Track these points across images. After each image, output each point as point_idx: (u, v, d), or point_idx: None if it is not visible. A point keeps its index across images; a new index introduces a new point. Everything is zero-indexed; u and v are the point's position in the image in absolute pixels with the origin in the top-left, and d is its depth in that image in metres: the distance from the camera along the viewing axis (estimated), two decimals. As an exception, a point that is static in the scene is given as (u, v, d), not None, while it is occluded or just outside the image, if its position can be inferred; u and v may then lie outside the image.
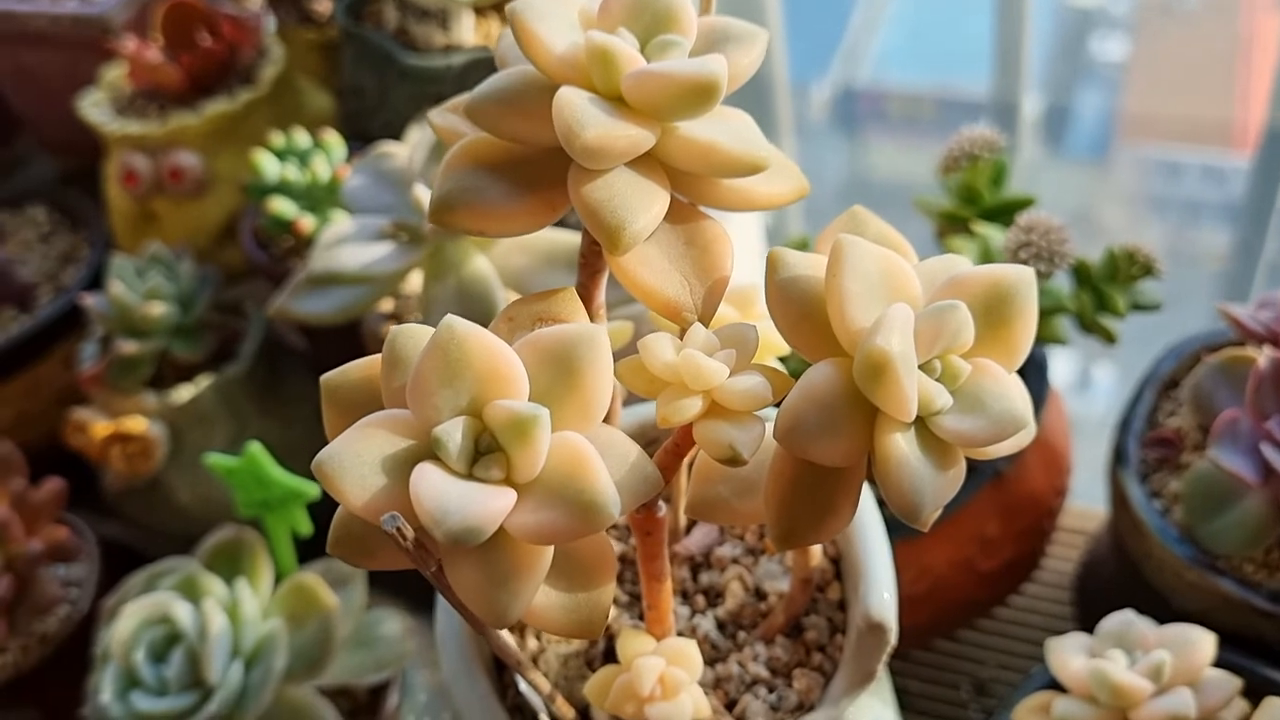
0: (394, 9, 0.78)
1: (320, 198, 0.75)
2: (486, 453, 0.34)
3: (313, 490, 0.61)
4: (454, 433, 0.33)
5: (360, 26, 0.80)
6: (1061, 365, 1.19)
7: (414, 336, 0.35)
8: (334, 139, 0.77)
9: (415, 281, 0.67)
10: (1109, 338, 0.66)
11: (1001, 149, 0.71)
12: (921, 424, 0.35)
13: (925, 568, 0.67)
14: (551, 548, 0.34)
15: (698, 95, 0.35)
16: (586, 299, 0.42)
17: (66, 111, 0.89)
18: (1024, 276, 0.36)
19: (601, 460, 0.33)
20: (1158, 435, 0.65)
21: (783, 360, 0.52)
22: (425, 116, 0.74)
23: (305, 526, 0.63)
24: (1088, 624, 0.74)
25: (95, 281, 0.86)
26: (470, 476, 0.33)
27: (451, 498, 0.32)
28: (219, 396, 0.76)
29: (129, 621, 0.60)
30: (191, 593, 0.61)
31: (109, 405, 0.76)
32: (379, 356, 0.37)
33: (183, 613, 0.60)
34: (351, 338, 0.72)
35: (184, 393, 0.75)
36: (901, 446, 0.34)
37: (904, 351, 0.33)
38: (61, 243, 0.93)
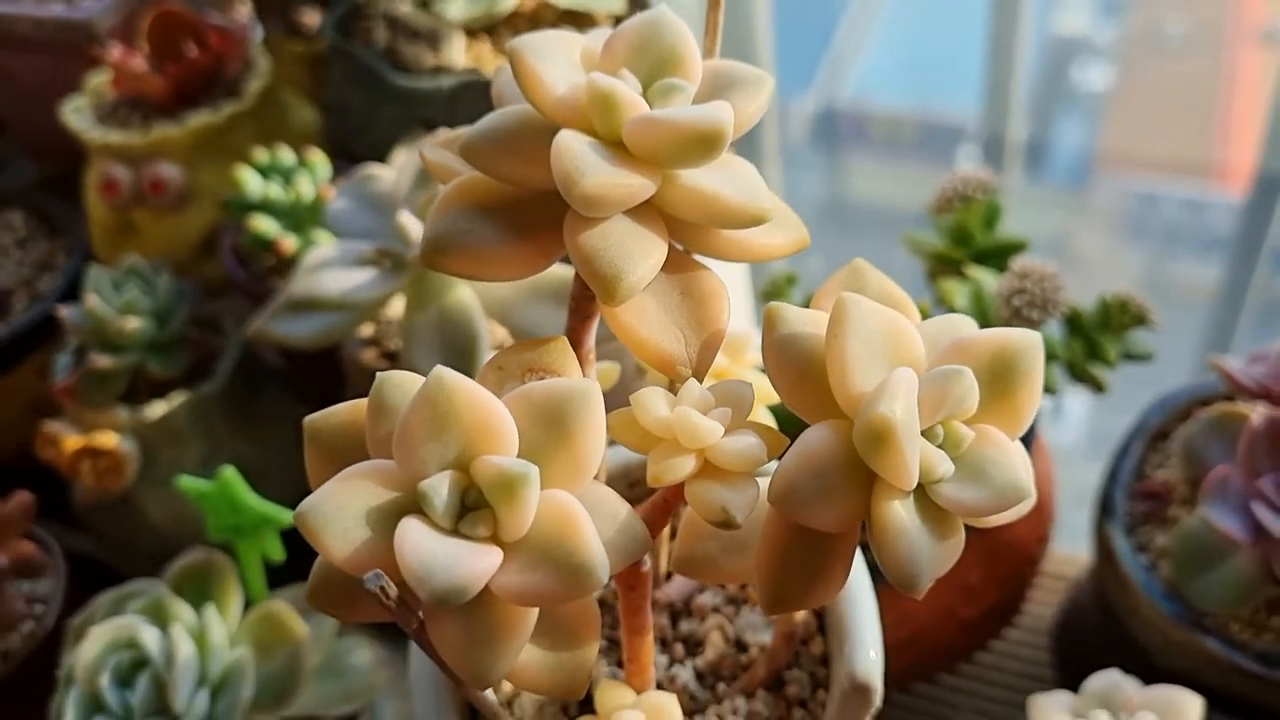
0: (384, 27, 0.77)
1: (303, 217, 0.73)
2: (473, 509, 0.33)
3: (286, 517, 0.59)
4: (440, 488, 0.32)
5: (349, 43, 0.79)
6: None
7: (401, 385, 0.34)
8: (319, 157, 0.76)
9: (397, 306, 0.66)
10: (1099, 387, 0.66)
11: (995, 190, 0.70)
12: (921, 491, 0.34)
13: (906, 614, 0.66)
14: (536, 608, 0.33)
15: (702, 144, 0.34)
16: (576, 343, 0.41)
17: (48, 116, 0.87)
18: (1031, 341, 0.35)
19: (591, 522, 0.32)
20: (1146, 488, 0.64)
21: (772, 410, 0.51)
22: (412, 139, 0.73)
23: (277, 553, 0.61)
24: (1067, 673, 0.73)
25: (72, 290, 0.84)
26: (455, 533, 0.32)
27: (437, 556, 0.31)
28: (193, 414, 0.74)
29: (94, 644, 0.58)
30: (159, 617, 0.60)
31: (81, 418, 0.74)
32: (364, 401, 0.36)
33: (150, 638, 0.58)
34: (331, 359, 0.71)
35: (157, 409, 0.73)
36: (900, 515, 0.33)
37: (907, 420, 0.32)
38: (38, 249, 0.91)
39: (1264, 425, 0.58)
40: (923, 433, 0.34)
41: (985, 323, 0.65)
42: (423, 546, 0.31)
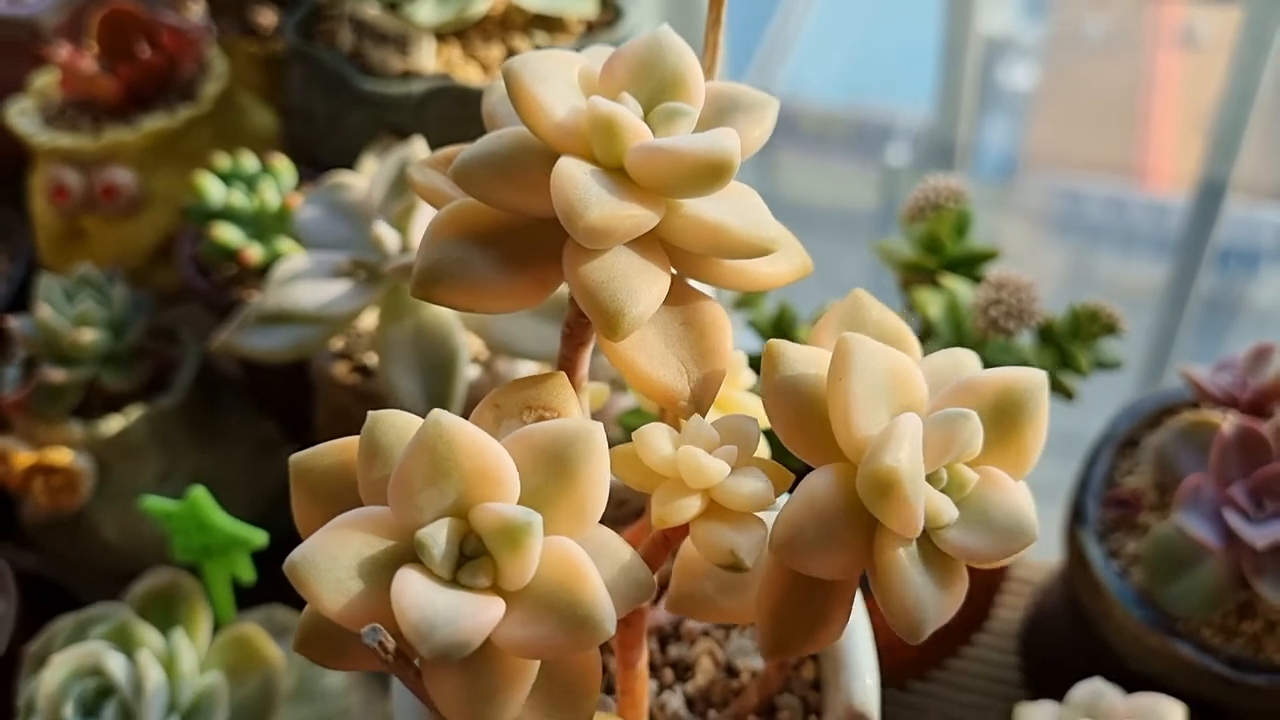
0: (349, 30, 0.75)
1: (268, 226, 0.71)
2: (473, 557, 0.32)
3: (258, 538, 0.58)
4: (438, 536, 0.31)
5: (311, 46, 0.77)
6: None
7: (395, 425, 0.33)
8: (283, 164, 0.74)
9: (368, 318, 0.65)
10: (1068, 395, 0.66)
11: (966, 198, 0.70)
12: (925, 538, 0.34)
13: (877, 627, 0.66)
14: (538, 660, 0.32)
15: (709, 175, 0.33)
16: (571, 370, 0.40)
17: (-13, 116, 0.84)
18: (1036, 381, 0.35)
19: (596, 571, 0.31)
20: (1116, 495, 0.65)
21: (766, 433, 0.50)
22: (382, 145, 0.72)
23: (248, 574, 0.60)
24: (1035, 677, 0.74)
25: (17, 299, 0.81)
26: (455, 583, 0.31)
27: (438, 609, 0.30)
28: (150, 428, 0.72)
29: (57, 672, 0.56)
30: (125, 643, 0.58)
31: (31, 434, 0.71)
32: (353, 440, 0.34)
33: (116, 665, 0.56)
34: (295, 372, 0.70)
35: (113, 424, 0.71)
36: (904, 563, 0.33)
37: (912, 469, 0.32)
38: (-22, 255, 0.88)
39: (1234, 434, 0.59)
40: (927, 477, 0.33)
41: (959, 333, 0.65)
42: (422, 599, 0.30)
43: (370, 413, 0.33)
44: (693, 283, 0.38)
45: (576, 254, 0.34)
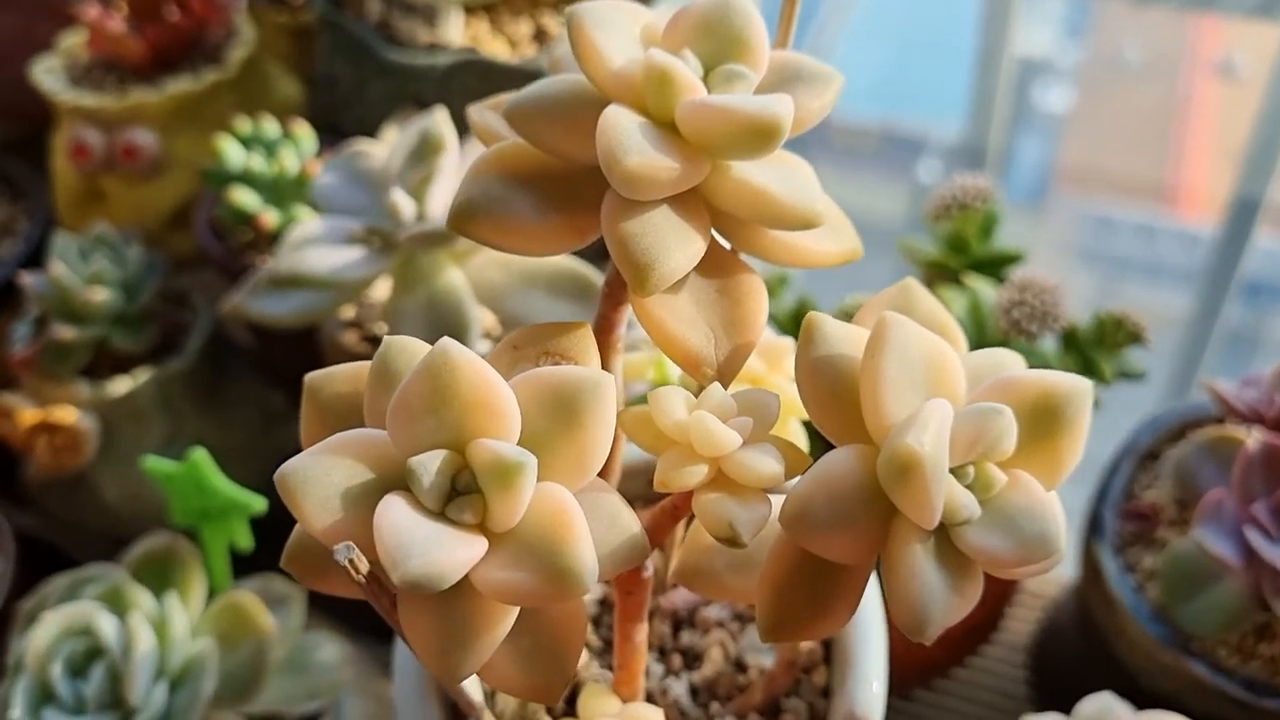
0: (378, 1, 0.75)
1: (286, 192, 0.71)
2: (464, 493, 0.31)
3: (257, 503, 0.57)
4: (430, 466, 0.30)
5: (340, 15, 0.76)
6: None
7: (407, 352, 0.32)
8: (304, 131, 0.74)
9: (380, 288, 0.64)
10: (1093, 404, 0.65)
11: (993, 199, 0.69)
12: (943, 533, 0.32)
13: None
14: (516, 606, 0.31)
15: (756, 136, 0.32)
16: (606, 329, 0.39)
17: (14, 75, 0.84)
18: (1079, 388, 0.33)
19: (585, 523, 0.30)
20: (1135, 508, 0.63)
21: (805, 424, 0.49)
22: (404, 115, 0.71)
23: (246, 540, 0.59)
24: (1044, 692, 0.73)
25: (34, 257, 0.81)
26: (441, 516, 0.30)
27: (415, 538, 0.29)
28: (157, 392, 0.71)
29: (47, 631, 0.56)
30: (117, 604, 0.58)
31: (38, 392, 0.71)
32: (367, 364, 0.34)
33: (107, 626, 0.56)
34: (305, 341, 0.69)
35: (120, 385, 0.70)
36: (917, 555, 0.31)
37: (935, 454, 0.30)
38: (-2, 212, 0.87)
39: (1259, 451, 0.58)
40: (952, 471, 0.32)
41: (981, 333, 0.64)
42: (402, 526, 0.29)
43: (386, 337, 0.33)
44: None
45: (615, 204, 0.33)
